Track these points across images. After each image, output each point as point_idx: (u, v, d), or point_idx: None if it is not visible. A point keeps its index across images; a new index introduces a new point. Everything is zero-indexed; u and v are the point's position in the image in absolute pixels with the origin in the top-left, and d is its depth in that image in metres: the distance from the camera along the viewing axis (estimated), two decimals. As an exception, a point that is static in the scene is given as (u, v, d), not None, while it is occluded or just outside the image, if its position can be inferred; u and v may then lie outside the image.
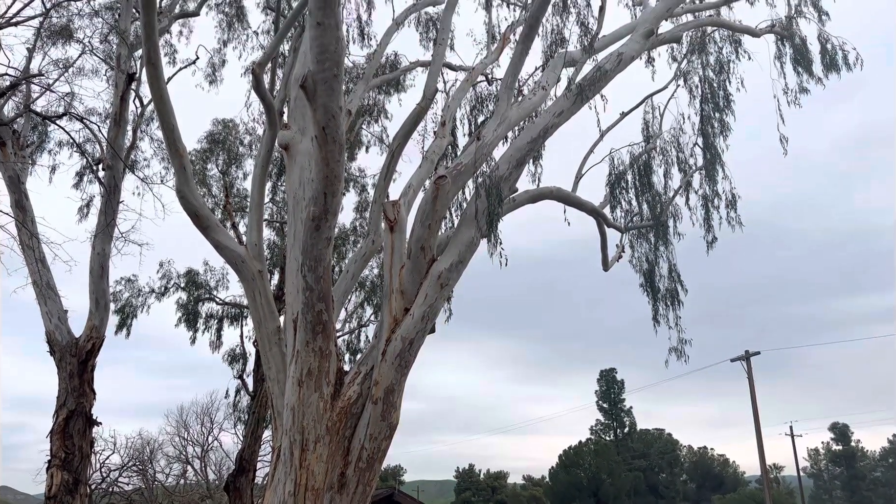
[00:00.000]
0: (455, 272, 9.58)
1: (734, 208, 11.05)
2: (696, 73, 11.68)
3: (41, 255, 12.91)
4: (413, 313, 9.41)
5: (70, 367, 12.83)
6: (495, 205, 8.87)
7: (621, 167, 11.66)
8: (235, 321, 20.42)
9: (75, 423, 12.63)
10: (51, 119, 12.99)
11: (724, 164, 11.14)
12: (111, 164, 13.96)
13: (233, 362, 20.85)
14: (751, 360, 30.57)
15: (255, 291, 10.50)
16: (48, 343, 12.96)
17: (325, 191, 8.35)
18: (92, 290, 13.39)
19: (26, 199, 12.85)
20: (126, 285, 18.94)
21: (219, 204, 19.31)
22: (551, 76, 9.96)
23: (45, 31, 14.46)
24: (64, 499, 12.15)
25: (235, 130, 19.97)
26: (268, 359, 10.29)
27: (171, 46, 17.65)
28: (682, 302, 11.01)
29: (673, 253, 11.44)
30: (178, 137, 9.99)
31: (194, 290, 19.75)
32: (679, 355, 10.73)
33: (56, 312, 13.03)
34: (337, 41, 6.77)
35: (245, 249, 10.77)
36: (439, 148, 11.15)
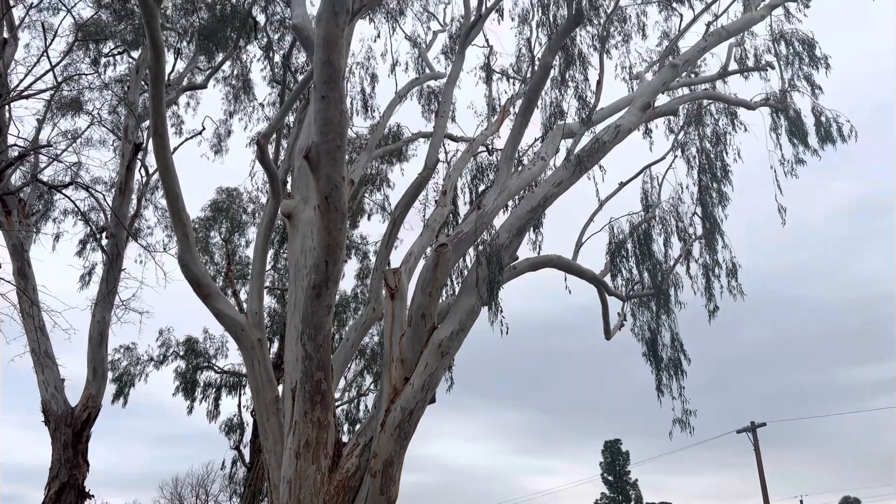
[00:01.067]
0: (456, 340, 9.51)
1: (735, 277, 11.06)
2: (694, 144, 11.89)
3: (41, 323, 12.85)
4: (413, 382, 9.30)
5: (64, 438, 12.59)
6: (496, 273, 8.89)
7: (621, 236, 11.72)
8: (234, 390, 20.16)
9: (67, 496, 12.31)
10: (57, 188, 13.16)
11: (723, 233, 11.22)
12: (115, 232, 14.05)
13: (230, 432, 20.49)
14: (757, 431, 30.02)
15: (254, 360, 10.41)
16: (43, 413, 12.76)
17: (326, 259, 8.38)
18: (90, 359, 13.27)
19: (28, 267, 12.90)
20: (125, 353, 18.81)
21: (220, 271, 19.37)
22: (550, 147, 10.14)
23: (56, 103, 14.81)
24: (52, 575, 11.74)
25: (239, 199, 20.20)
26: (265, 429, 10.12)
27: (177, 117, 18.05)
28: (685, 372, 10.89)
29: (675, 322, 11.38)
30: (182, 206, 10.10)
31: (193, 359, 19.58)
32: (684, 426, 10.54)
33: (53, 381, 12.88)
34: (341, 114, 6.93)
35: (245, 317, 10.74)
36: (440, 216, 11.25)
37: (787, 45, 11.53)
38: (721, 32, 10.87)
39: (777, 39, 11.59)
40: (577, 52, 10.09)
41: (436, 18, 15.43)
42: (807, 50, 11.36)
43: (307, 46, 9.63)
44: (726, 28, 10.93)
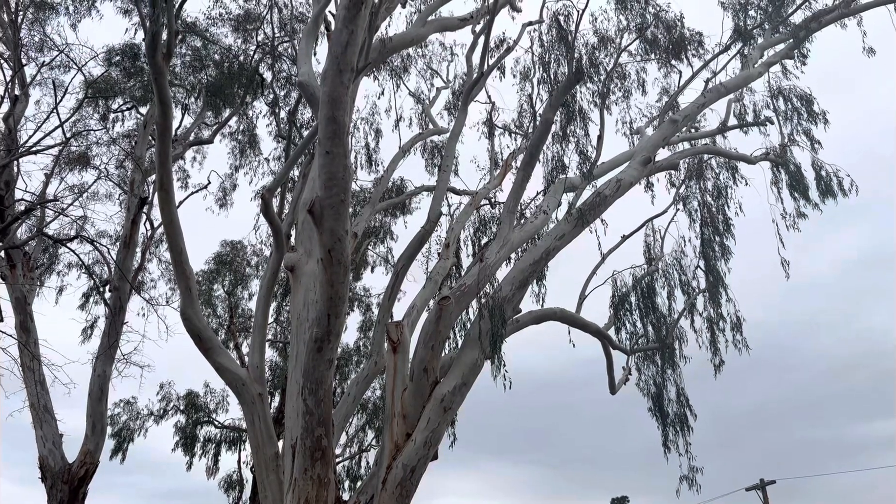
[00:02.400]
0: (458, 395, 9.40)
1: (739, 331, 10.98)
2: (695, 197, 11.95)
3: (41, 377, 12.75)
4: (415, 439, 9.15)
5: (61, 495, 12.35)
6: (499, 326, 8.84)
7: (624, 289, 11.69)
8: (234, 445, 19.85)
9: (62, 555, 12.03)
10: (62, 242, 13.24)
11: (727, 286, 11.18)
12: (118, 285, 14.07)
13: (229, 489, 20.09)
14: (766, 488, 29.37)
15: (255, 415, 10.28)
16: (40, 469, 12.55)
17: (328, 312, 8.35)
18: (89, 413, 13.12)
19: (31, 321, 12.87)
20: (124, 408, 18.59)
21: (223, 324, 19.32)
22: (552, 201, 10.20)
23: (64, 158, 15.03)
24: None
25: (243, 252, 20.28)
26: (265, 486, 9.92)
27: (184, 171, 18.27)
28: (691, 427, 10.71)
29: (680, 376, 11.25)
30: (186, 260, 10.12)
31: (193, 413, 19.35)
32: (691, 484, 10.32)
33: (51, 436, 12.71)
34: (345, 168, 7.00)
35: (246, 372, 10.64)
36: (443, 269, 11.26)
37: (786, 100, 11.69)
38: (720, 89, 11.04)
39: (775, 95, 11.77)
40: (577, 108, 10.25)
41: (439, 75, 15.75)
42: (805, 105, 11.52)
43: (312, 103, 9.80)
44: (725, 85, 11.11)
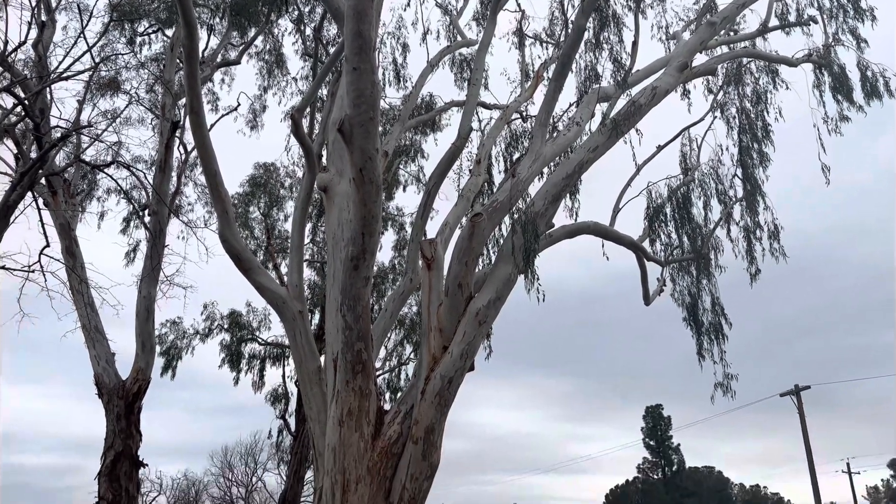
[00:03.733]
0: (493, 309, 9.54)
1: (777, 239, 10.84)
2: (733, 104, 11.59)
3: (90, 299, 13.25)
4: (452, 351, 9.38)
5: (117, 409, 13.05)
6: (532, 241, 8.86)
7: (659, 200, 11.55)
8: (277, 361, 20.58)
9: (122, 465, 12.79)
10: (99, 168, 13.45)
11: (764, 194, 10.97)
12: (156, 209, 14.35)
13: (275, 402, 20.97)
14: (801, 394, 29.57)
15: (296, 331, 10.60)
16: (96, 385, 13.22)
17: (362, 231, 8.45)
18: (138, 333, 13.67)
19: (76, 246, 13.25)
20: (171, 327, 19.30)
21: (261, 246, 19.67)
22: (585, 112, 9.99)
23: (95, 83, 15.07)
24: (111, 540, 12.26)
25: (276, 174, 20.40)
26: (309, 399, 10.34)
27: (213, 94, 18.23)
28: (726, 336, 10.76)
29: (715, 286, 11.23)
30: (221, 182, 10.24)
31: (237, 331, 20.00)
32: (725, 391, 10.46)
33: (104, 355, 13.32)
34: (373, 85, 6.92)
35: (286, 290, 10.91)
36: (475, 185, 11.22)
37: (831, -4, 11.11)
38: (761, -14, 10.52)
39: (820, -9, 11.18)
40: (611, 13, 9.88)
41: (467, -17, 15.22)
42: (851, 1, 10.93)
43: (338, 18, 9.60)
44: (767, -18, 10.58)
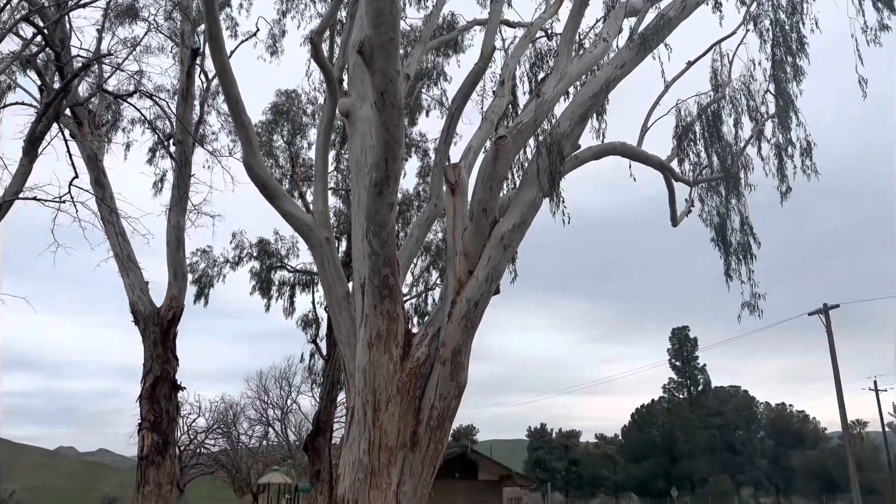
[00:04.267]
0: (518, 233, 9.54)
1: (809, 156, 10.56)
2: (767, 15, 11.09)
3: (121, 229, 13.49)
4: (477, 275, 9.45)
5: (153, 336, 13.47)
6: (557, 163, 8.75)
7: (689, 118, 11.27)
8: (307, 287, 20.97)
9: (161, 388, 13.30)
10: (122, 97, 13.45)
11: (797, 110, 10.63)
12: (181, 139, 14.40)
13: (306, 327, 21.48)
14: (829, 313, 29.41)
15: (324, 258, 10.73)
16: (132, 313, 13.61)
17: (385, 156, 8.41)
18: (170, 262, 13.95)
19: (104, 177, 13.40)
20: (202, 256, 19.66)
21: (286, 175, 19.71)
22: (612, 27, 9.68)
23: (112, 11, 14.88)
24: (154, 458, 12.87)
25: (298, 101, 20.23)
26: (338, 323, 10.55)
27: (232, 20, 17.90)
28: (754, 256, 10.67)
29: (745, 205, 11.05)
30: (243, 109, 10.20)
31: (266, 259, 20.32)
32: (752, 310, 10.43)
33: (138, 284, 13.65)
34: (392, 4, 6.74)
35: (312, 217, 10.99)
36: (499, 108, 11.03)
37: None
38: None
39: None
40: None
41: None
42: None
43: (354, -65, 9.30)
44: None
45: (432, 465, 9.58)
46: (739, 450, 73.18)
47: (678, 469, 64.86)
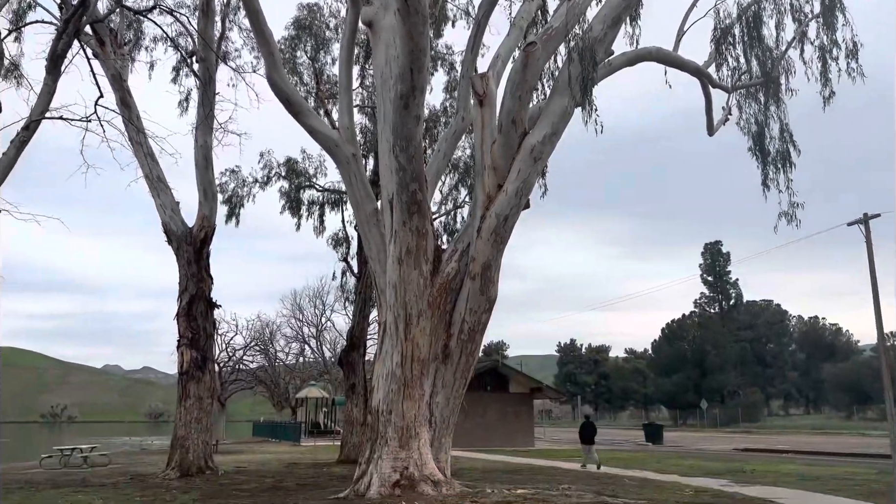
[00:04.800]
0: (548, 144, 9.32)
1: (854, 58, 10.00)
2: None
3: (149, 150, 13.49)
4: (506, 189, 9.32)
5: (187, 255, 13.66)
6: (589, 69, 8.41)
7: (727, 21, 10.72)
8: (335, 206, 20.93)
9: (197, 306, 13.58)
10: (141, 13, 13.19)
11: (844, 8, 10.03)
12: (203, 55, 14.16)
13: (337, 246, 21.59)
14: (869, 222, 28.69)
15: (351, 175, 10.64)
16: (165, 233, 13.77)
17: (411, 66, 8.16)
18: (199, 182, 13.99)
19: (129, 96, 13.31)
20: (231, 176, 19.65)
21: (311, 92, 19.38)
22: (648, -78, 9.10)
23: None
24: (194, 374, 13.28)
25: (321, 14, 19.65)
26: (368, 240, 10.56)
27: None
28: (793, 164, 10.31)
29: (785, 112, 10.61)
30: (264, 21, 9.93)
31: (295, 178, 20.26)
32: (790, 220, 10.17)
33: (169, 204, 13.76)
34: None
35: (338, 133, 10.83)
36: (528, 13, 10.59)
37: None
38: None
39: None
40: None
41: None
42: None
43: None
44: None
45: (464, 378, 9.73)
46: (770, 363, 73.51)
47: (708, 382, 65.49)
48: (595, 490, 9.49)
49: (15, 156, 8.30)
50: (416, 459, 8.85)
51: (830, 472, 12.90)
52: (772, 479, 11.65)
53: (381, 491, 8.52)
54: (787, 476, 12.18)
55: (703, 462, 16.35)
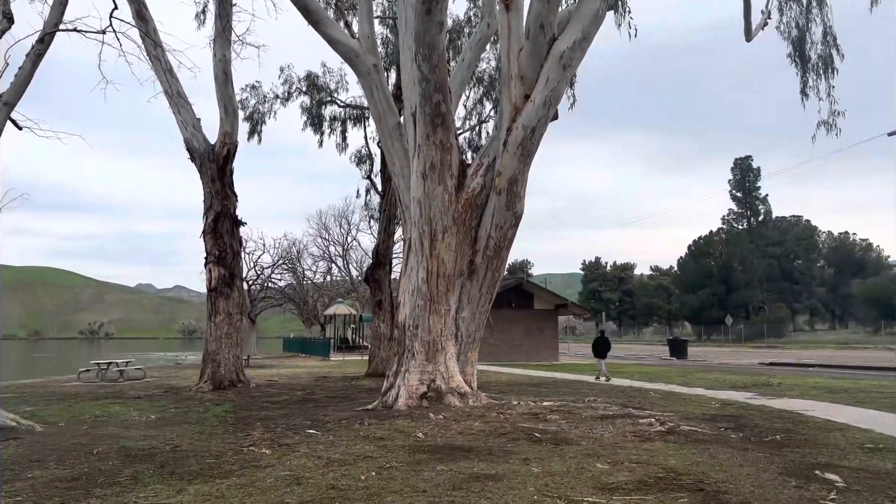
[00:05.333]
0: (578, 51, 8.92)
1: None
2: None
3: (167, 65, 13.22)
4: (534, 99, 8.98)
5: (210, 173, 13.59)
6: (622, -33, 7.93)
7: (771, -86, 10.02)
8: (358, 122, 20.61)
9: (223, 223, 13.61)
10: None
11: None
12: (218, -36, 13.65)
13: (360, 163, 21.42)
14: (909, 136, 27.74)
15: (372, 86, 10.35)
16: (188, 150, 13.67)
17: (433, -32, 7.76)
18: (219, 97, 13.76)
19: (145, 9, 12.95)
20: (251, 92, 19.35)
21: (329, 3, 18.76)
22: None
23: None
24: (223, 290, 13.44)
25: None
26: (391, 155, 10.37)
27: None
28: (836, 70, 9.81)
29: (828, 15, 10.03)
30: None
31: (316, 94, 19.89)
32: (829, 129, 9.75)
33: (190, 121, 13.59)
34: None
35: (358, 43, 10.48)
36: None
37: None
38: None
39: None
40: None
41: None
42: None
43: None
44: None
45: (490, 293, 9.70)
46: (798, 279, 72.97)
47: (733, 298, 65.45)
48: (621, 402, 9.57)
49: (31, 69, 8.14)
50: (442, 372, 8.95)
51: (857, 385, 12.87)
52: (798, 391, 11.66)
53: (409, 403, 8.66)
54: (813, 389, 12.18)
55: (728, 376, 16.44)
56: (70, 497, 4.25)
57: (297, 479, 4.70)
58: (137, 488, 4.47)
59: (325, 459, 5.46)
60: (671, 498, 4.10)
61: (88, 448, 6.16)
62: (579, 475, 4.75)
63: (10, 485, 4.64)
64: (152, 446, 6.25)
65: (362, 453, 5.72)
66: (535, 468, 5.00)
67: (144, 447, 6.19)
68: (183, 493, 4.31)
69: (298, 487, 4.46)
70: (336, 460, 5.42)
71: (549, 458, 5.42)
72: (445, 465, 5.16)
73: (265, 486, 4.52)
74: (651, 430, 6.82)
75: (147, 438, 6.79)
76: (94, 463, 5.42)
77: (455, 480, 4.60)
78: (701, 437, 6.48)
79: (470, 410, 8.14)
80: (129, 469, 5.14)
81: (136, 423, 8.17)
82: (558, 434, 6.61)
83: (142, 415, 9.01)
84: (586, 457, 5.44)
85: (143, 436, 7.00)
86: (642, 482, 4.53)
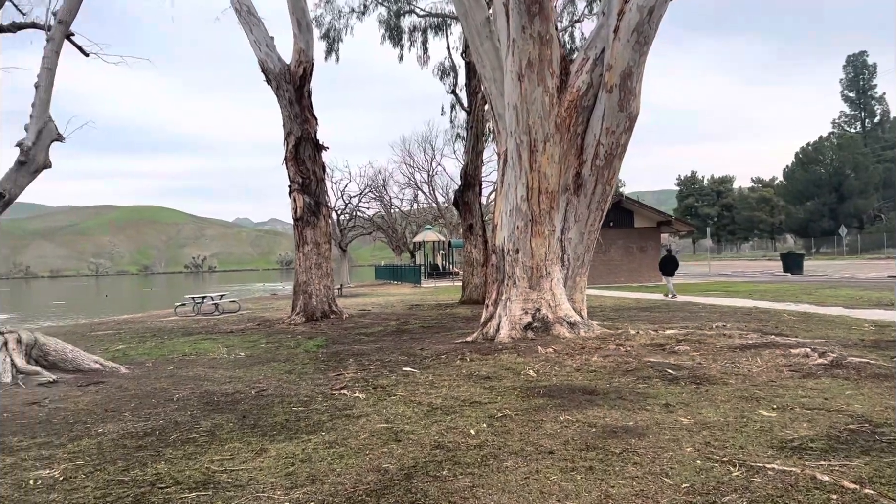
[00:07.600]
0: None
1: None
2: None
3: (235, -21, 12.34)
4: (650, -26, 7.55)
5: (288, 95, 12.80)
6: None
7: None
8: (439, 31, 19.26)
9: (304, 148, 12.89)
10: None
11: None
12: None
13: (443, 76, 20.21)
14: None
15: (457, -21, 9.11)
16: (263, 72, 12.90)
17: None
18: (291, 11, 12.82)
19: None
20: (325, 7, 18.35)
21: None
22: None
23: None
24: (309, 219, 12.84)
25: None
26: (480, 55, 9.16)
27: None
28: None
29: None
30: None
31: (393, 3, 18.67)
32: None
33: (263, 40, 12.76)
34: None
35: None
36: None
37: None
38: None
39: None
40: None
41: None
42: None
43: None
44: None
45: (599, 210, 8.57)
46: (918, 184, 67.29)
47: (846, 207, 60.95)
48: (754, 328, 8.39)
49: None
50: (548, 300, 8.00)
51: None
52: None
53: (512, 334, 7.80)
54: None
55: (861, 292, 14.76)
56: (136, 460, 3.63)
57: (395, 435, 3.94)
58: (212, 448, 3.81)
59: (426, 406, 4.69)
60: (888, 463, 3.05)
61: (169, 394, 5.63)
62: (743, 428, 3.76)
63: (75, 443, 4.09)
64: (237, 390, 5.67)
65: (468, 397, 4.92)
66: (682, 418, 4.05)
67: (228, 392, 5.62)
68: (262, 456, 3.61)
69: (398, 446, 3.68)
70: (439, 407, 4.64)
71: (695, 402, 4.45)
72: (569, 413, 4.28)
73: (358, 443, 3.77)
74: (809, 362, 5.69)
75: (232, 381, 6.24)
76: (171, 413, 4.85)
77: (586, 436, 3.71)
78: (877, 370, 5.32)
79: (583, 342, 7.19)
80: (207, 421, 4.53)
81: (223, 363, 7.71)
82: (696, 370, 5.59)
83: (230, 352, 8.57)
84: (742, 400, 4.43)
85: (229, 378, 6.47)
86: (833, 437, 3.50)
